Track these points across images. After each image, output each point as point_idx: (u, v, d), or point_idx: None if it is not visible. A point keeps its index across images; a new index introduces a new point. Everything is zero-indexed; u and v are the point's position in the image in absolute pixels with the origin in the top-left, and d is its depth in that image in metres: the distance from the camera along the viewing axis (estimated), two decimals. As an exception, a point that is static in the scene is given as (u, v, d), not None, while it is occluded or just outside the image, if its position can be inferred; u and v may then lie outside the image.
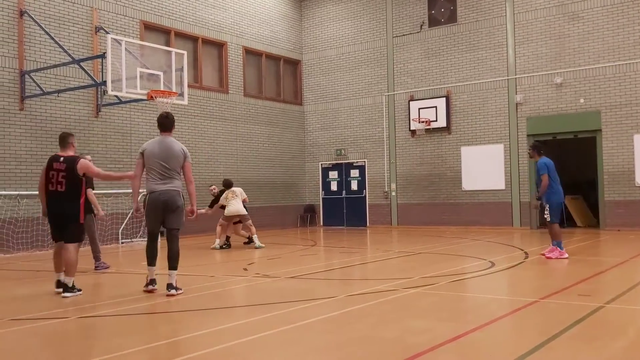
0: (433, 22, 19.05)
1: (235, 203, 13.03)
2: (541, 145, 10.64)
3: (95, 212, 9.84)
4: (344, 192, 20.84)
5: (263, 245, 13.07)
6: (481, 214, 17.92)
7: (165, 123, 7.50)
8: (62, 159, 7.37)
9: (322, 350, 4.84)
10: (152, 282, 7.43)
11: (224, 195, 13.29)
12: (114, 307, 6.62)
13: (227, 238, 13.37)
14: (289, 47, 21.15)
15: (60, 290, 7.40)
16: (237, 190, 13.33)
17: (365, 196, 20.38)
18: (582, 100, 16.51)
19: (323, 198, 21.21)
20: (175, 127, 7.77)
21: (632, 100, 15.90)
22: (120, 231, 14.93)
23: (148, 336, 5.57)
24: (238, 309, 6.59)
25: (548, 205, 10.04)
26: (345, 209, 20.76)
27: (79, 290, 7.37)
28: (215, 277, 8.84)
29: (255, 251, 12.58)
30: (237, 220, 13.26)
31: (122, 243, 14.83)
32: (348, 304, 6.62)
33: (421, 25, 19.20)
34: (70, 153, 7.51)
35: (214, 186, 14.32)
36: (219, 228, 13.23)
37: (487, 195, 17.98)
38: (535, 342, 4.75)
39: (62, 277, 7.41)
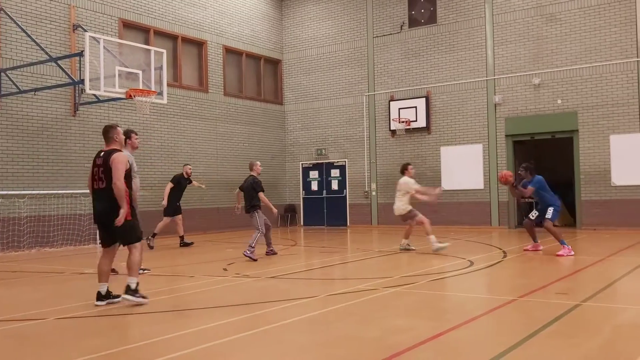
0: (413, 22, 19.15)
1: (396, 200, 11.62)
2: (533, 166, 11.13)
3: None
4: (324, 191, 20.85)
5: (443, 245, 11.31)
6: (460, 214, 18.05)
7: None
8: (102, 153, 6.77)
9: (303, 349, 4.83)
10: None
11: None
12: (92, 308, 6.55)
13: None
14: (270, 46, 21.11)
15: (102, 303, 6.69)
16: (401, 181, 11.58)
17: (345, 196, 20.41)
18: (559, 101, 16.72)
19: (303, 198, 21.21)
20: (154, 127, 8.18)
21: (608, 101, 16.13)
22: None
23: (126, 337, 5.53)
24: (218, 309, 6.55)
25: (553, 208, 10.68)
26: (325, 208, 20.78)
27: (144, 297, 6.72)
28: (195, 278, 8.79)
29: (235, 251, 12.37)
30: (406, 218, 11.67)
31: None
32: (329, 303, 6.63)
33: (401, 26, 19.28)
34: (114, 147, 6.81)
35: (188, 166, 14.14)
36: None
37: (466, 194, 18.12)
38: (513, 340, 4.80)
39: (102, 288, 6.76)
